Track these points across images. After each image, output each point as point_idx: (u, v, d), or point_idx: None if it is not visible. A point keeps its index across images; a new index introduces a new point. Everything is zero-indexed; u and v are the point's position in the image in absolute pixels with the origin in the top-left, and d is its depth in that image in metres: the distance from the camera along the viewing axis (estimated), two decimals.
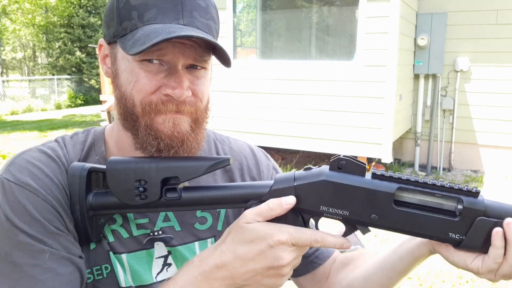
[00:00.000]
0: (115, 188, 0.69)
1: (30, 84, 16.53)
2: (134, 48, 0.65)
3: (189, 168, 0.68)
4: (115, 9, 0.70)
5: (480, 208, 0.61)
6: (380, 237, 3.85)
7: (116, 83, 0.72)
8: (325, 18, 5.92)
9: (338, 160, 0.64)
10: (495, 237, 0.61)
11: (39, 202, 0.66)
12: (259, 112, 5.37)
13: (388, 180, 0.63)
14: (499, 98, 5.55)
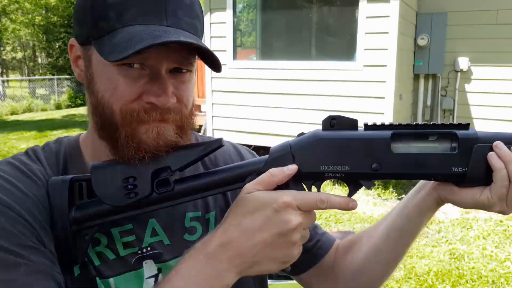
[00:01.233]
0: (102, 192, 0.63)
1: (30, 84, 16.53)
2: (114, 54, 0.58)
3: (180, 156, 0.65)
4: (89, 6, 0.62)
5: (474, 137, 0.63)
6: None
7: (91, 89, 0.65)
8: (325, 18, 5.92)
9: (329, 119, 0.63)
10: (493, 159, 0.61)
11: (13, 216, 0.58)
12: (259, 112, 5.37)
13: (381, 129, 0.63)
14: (499, 98, 5.55)
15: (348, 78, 4.92)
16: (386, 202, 4.77)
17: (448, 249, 3.62)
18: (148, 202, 0.65)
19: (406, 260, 3.43)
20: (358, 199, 4.77)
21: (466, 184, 0.64)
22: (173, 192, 0.64)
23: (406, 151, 0.63)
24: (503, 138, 0.63)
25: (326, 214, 4.37)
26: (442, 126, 0.63)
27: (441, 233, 3.97)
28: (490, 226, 4.08)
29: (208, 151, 0.65)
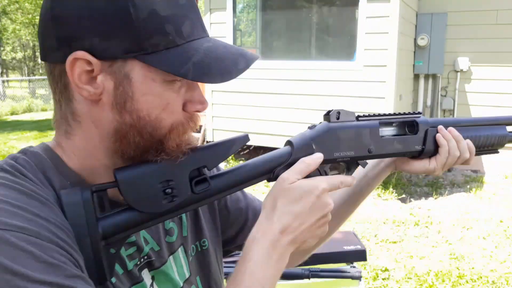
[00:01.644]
0: (136, 199, 0.59)
1: (30, 84, 16.54)
2: (211, 77, 0.59)
3: (216, 154, 0.65)
4: (129, 17, 0.55)
5: (427, 122, 0.84)
6: (379, 237, 3.85)
7: (125, 108, 0.59)
8: (325, 18, 5.92)
9: (336, 112, 0.76)
10: (439, 139, 0.84)
11: (46, 245, 0.51)
12: (259, 112, 5.38)
13: (372, 119, 0.79)
14: (499, 98, 5.55)
15: (348, 78, 4.92)
16: (386, 202, 4.77)
17: (448, 249, 3.62)
18: (185, 204, 0.64)
19: (406, 260, 3.43)
20: None
21: (421, 157, 0.85)
22: (210, 191, 0.65)
23: (389, 135, 0.81)
24: (444, 122, 0.86)
25: None
26: (407, 114, 0.83)
27: (441, 233, 3.97)
28: (490, 226, 4.08)
29: (239, 147, 0.68)
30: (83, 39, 0.56)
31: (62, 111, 0.62)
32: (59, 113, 0.62)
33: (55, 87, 0.61)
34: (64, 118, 0.62)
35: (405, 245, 3.71)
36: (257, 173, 0.69)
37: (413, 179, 5.65)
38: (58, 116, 0.63)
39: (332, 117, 0.75)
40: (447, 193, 5.10)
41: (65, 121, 0.62)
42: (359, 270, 1.53)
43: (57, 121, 0.63)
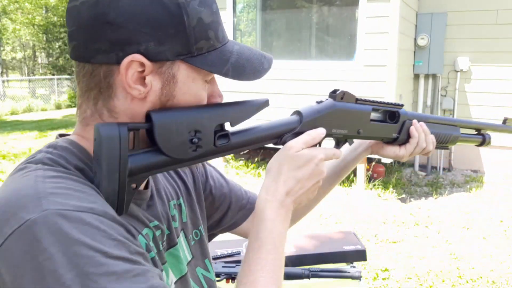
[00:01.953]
0: (166, 143, 0.62)
1: (30, 84, 16.54)
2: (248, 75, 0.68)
3: (239, 112, 0.70)
4: (183, 24, 0.61)
5: (406, 114, 0.95)
6: (379, 237, 3.85)
7: (168, 105, 0.65)
8: (325, 18, 5.92)
9: (342, 93, 0.82)
10: (413, 131, 0.96)
11: (111, 224, 0.55)
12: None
13: (367, 104, 0.88)
14: (499, 98, 5.55)
15: (348, 78, 4.92)
16: (386, 202, 4.77)
17: (448, 249, 3.62)
18: (205, 154, 0.67)
19: (406, 260, 3.43)
20: (358, 199, 4.77)
21: (394, 144, 0.96)
22: (228, 146, 0.69)
23: (375, 121, 0.91)
24: (418, 117, 0.98)
25: (326, 214, 4.37)
26: (393, 105, 0.93)
27: (441, 233, 3.97)
28: (490, 226, 4.08)
29: (261, 108, 0.72)
30: (139, 43, 0.61)
31: (96, 108, 0.65)
32: (90, 110, 0.65)
33: (93, 86, 0.64)
34: (98, 114, 0.65)
35: (405, 245, 3.71)
36: (267, 135, 0.75)
37: (413, 179, 5.65)
38: (88, 113, 0.66)
39: (338, 96, 0.82)
40: (447, 193, 5.10)
41: (98, 117, 0.65)
42: (359, 270, 1.53)
43: (86, 118, 0.66)
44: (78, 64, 0.64)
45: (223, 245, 1.67)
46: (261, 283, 0.65)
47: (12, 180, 0.60)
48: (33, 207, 0.52)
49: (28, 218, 0.51)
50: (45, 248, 0.49)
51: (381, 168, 5.44)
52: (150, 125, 0.62)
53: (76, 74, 0.66)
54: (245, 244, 1.69)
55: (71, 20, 0.64)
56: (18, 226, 0.51)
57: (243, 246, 1.68)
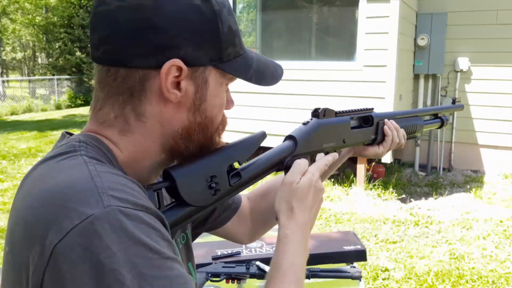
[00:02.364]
0: (189, 195, 0.66)
1: (30, 84, 16.54)
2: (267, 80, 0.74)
3: (245, 150, 0.74)
4: (217, 31, 0.64)
5: (377, 116, 1.03)
6: (379, 237, 3.85)
7: (199, 110, 0.67)
8: (325, 18, 5.92)
9: (323, 110, 0.88)
10: (386, 130, 1.04)
11: (162, 228, 0.55)
12: (259, 112, 5.37)
13: (345, 115, 0.94)
14: (499, 98, 5.55)
15: (348, 78, 4.92)
16: (386, 202, 4.77)
17: (448, 249, 3.62)
18: (222, 195, 0.71)
19: (406, 260, 3.43)
20: (358, 199, 4.77)
21: (373, 144, 1.04)
22: (241, 182, 0.73)
23: (354, 128, 0.98)
24: (386, 115, 1.07)
25: (326, 214, 4.37)
26: (364, 110, 1.01)
27: (441, 233, 3.97)
28: (490, 226, 4.08)
29: (259, 143, 0.77)
30: (179, 48, 0.62)
31: (123, 112, 0.64)
32: (115, 113, 0.65)
33: (124, 90, 0.63)
34: (123, 117, 0.64)
35: (405, 245, 3.71)
36: (271, 164, 0.79)
37: (413, 179, 5.65)
38: (111, 116, 0.65)
39: (321, 114, 0.88)
40: (447, 193, 5.10)
41: (123, 120, 0.65)
42: (359, 270, 1.52)
43: (108, 120, 0.65)
44: (109, 69, 0.63)
45: (223, 245, 1.67)
46: None
47: (58, 168, 0.58)
48: (95, 203, 0.50)
49: (91, 213, 0.49)
50: (107, 245, 0.48)
51: (381, 168, 5.44)
52: (172, 182, 0.65)
53: (101, 79, 0.64)
54: (245, 244, 1.69)
55: (103, 24, 0.63)
56: (80, 221, 0.49)
57: (243, 246, 1.68)
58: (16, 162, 6.74)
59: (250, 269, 1.44)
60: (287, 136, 0.84)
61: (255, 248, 1.67)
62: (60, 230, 0.49)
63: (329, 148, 0.91)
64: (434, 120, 1.26)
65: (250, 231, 1.03)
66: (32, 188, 0.58)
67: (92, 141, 0.63)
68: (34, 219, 0.52)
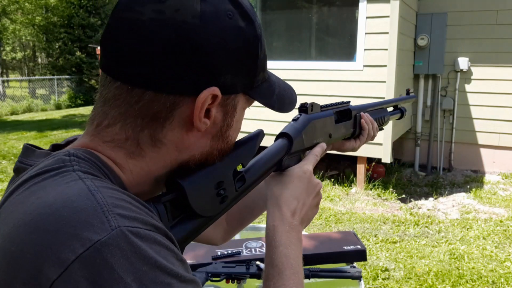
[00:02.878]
0: (199, 204, 0.60)
1: (30, 84, 16.54)
2: (286, 106, 0.69)
3: (247, 151, 0.70)
4: (256, 57, 0.59)
5: (354, 109, 1.02)
6: (379, 237, 3.85)
7: (223, 136, 0.62)
8: (325, 19, 5.92)
9: (311, 105, 0.87)
10: (363, 123, 1.03)
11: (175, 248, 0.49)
12: (259, 112, 5.37)
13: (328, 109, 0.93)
14: (499, 98, 5.55)
15: (348, 78, 4.92)
16: (386, 202, 4.77)
17: (448, 249, 3.62)
18: (230, 201, 0.67)
19: (406, 260, 3.43)
20: (358, 199, 4.77)
21: (351, 138, 1.04)
22: (245, 185, 0.70)
23: (340, 124, 0.97)
24: (363, 107, 1.06)
25: (326, 214, 4.37)
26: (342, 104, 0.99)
27: (441, 233, 3.97)
28: (490, 226, 4.08)
29: (259, 143, 0.73)
30: (220, 75, 0.55)
31: (138, 135, 0.56)
32: (126, 135, 0.56)
33: (146, 113, 0.54)
34: (137, 141, 0.56)
35: (405, 245, 3.72)
36: (271, 165, 0.77)
37: (413, 179, 5.65)
38: (122, 136, 0.56)
39: (309, 109, 0.87)
40: (447, 193, 5.10)
41: (135, 144, 0.56)
42: (359, 270, 1.52)
43: (117, 141, 0.56)
44: (133, 89, 0.54)
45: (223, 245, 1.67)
46: None
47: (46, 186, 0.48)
48: (100, 224, 0.42)
49: (98, 239, 0.41)
50: (120, 276, 0.40)
51: (381, 168, 5.44)
52: (181, 192, 0.59)
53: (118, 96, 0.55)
54: (245, 244, 1.69)
55: (131, 37, 0.53)
56: (85, 249, 0.40)
57: (243, 246, 1.68)
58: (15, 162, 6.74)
59: (250, 269, 1.44)
60: (280, 134, 0.82)
61: (255, 248, 1.67)
62: (59, 263, 0.40)
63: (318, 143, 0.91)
64: (396, 111, 1.29)
65: (225, 232, 0.98)
66: (13, 213, 0.46)
67: (85, 154, 0.54)
68: (19, 250, 0.42)
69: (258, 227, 1.98)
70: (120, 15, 0.53)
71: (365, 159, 4.95)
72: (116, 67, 0.54)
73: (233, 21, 0.55)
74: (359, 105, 1.07)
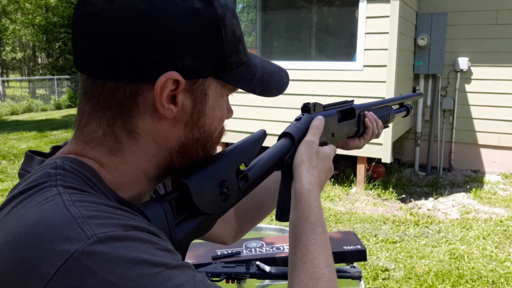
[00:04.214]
0: (203, 203, 0.62)
1: (30, 84, 16.54)
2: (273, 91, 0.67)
3: (250, 150, 0.71)
4: (220, 39, 0.57)
5: (358, 107, 1.02)
6: (379, 237, 3.85)
7: (197, 124, 0.61)
8: (325, 18, 5.92)
9: (313, 105, 0.88)
10: (367, 122, 1.03)
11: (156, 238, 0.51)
12: (259, 112, 5.38)
13: (331, 109, 0.94)
14: (499, 98, 5.55)
15: (348, 78, 4.92)
16: (386, 202, 4.77)
17: (448, 249, 3.62)
18: (233, 201, 0.68)
19: (406, 260, 3.43)
20: (358, 199, 4.77)
21: (354, 137, 1.04)
22: (248, 184, 0.70)
23: (344, 122, 0.97)
24: (366, 107, 1.06)
25: (326, 214, 4.37)
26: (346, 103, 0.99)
27: (441, 233, 3.97)
28: (490, 226, 4.08)
29: (262, 143, 0.74)
30: (177, 59, 0.54)
31: (113, 129, 0.57)
32: (103, 130, 0.57)
33: (112, 104, 0.55)
34: (113, 135, 0.57)
35: (405, 245, 3.72)
36: (274, 164, 0.77)
37: (413, 179, 5.65)
38: (99, 133, 0.57)
39: (311, 109, 0.88)
40: (447, 193, 5.10)
41: (114, 138, 0.57)
42: (359, 270, 1.52)
43: (96, 138, 0.57)
44: (94, 80, 0.55)
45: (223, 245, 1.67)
46: (321, 260, 0.65)
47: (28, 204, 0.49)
48: (75, 236, 0.43)
49: (74, 249, 0.42)
50: (105, 278, 0.42)
51: (381, 168, 5.44)
52: (185, 191, 0.60)
53: (87, 90, 0.56)
54: (245, 244, 1.69)
55: (87, 29, 0.54)
56: (64, 261, 0.42)
57: (243, 246, 1.68)
58: (16, 162, 6.74)
59: (250, 269, 1.44)
60: (282, 133, 0.83)
61: (255, 248, 1.67)
62: (40, 278, 0.42)
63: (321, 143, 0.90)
64: (401, 109, 1.29)
65: (235, 231, 0.99)
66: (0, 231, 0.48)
67: (73, 165, 0.55)
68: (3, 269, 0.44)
69: (258, 227, 1.98)
70: (78, 11, 0.55)
71: (365, 159, 4.95)
72: (79, 60, 0.56)
73: (187, 3, 0.54)
74: (363, 104, 1.07)
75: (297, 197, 0.72)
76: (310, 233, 0.68)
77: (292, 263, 0.66)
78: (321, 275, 0.62)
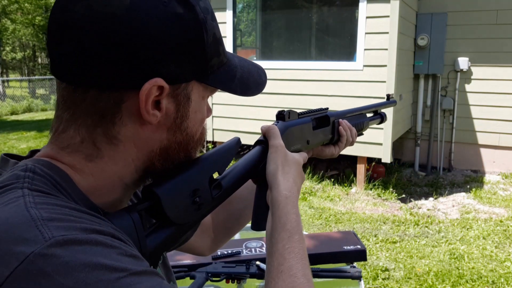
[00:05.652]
0: (174, 212, 0.60)
1: (30, 84, 16.54)
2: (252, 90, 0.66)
3: (224, 158, 0.69)
4: (202, 43, 0.57)
5: (332, 115, 1.02)
6: (379, 237, 3.85)
7: (180, 128, 0.60)
8: (325, 18, 5.92)
9: (288, 113, 0.88)
10: (341, 130, 1.04)
11: (120, 243, 0.49)
12: (259, 112, 5.38)
13: (306, 116, 0.94)
14: (499, 98, 5.55)
15: (348, 78, 4.92)
16: (386, 202, 4.77)
17: (448, 249, 3.62)
18: (206, 210, 0.66)
19: (406, 260, 3.43)
20: (358, 199, 4.77)
21: (330, 144, 1.04)
22: (222, 193, 0.69)
23: (318, 130, 0.97)
24: (341, 114, 1.07)
25: (326, 214, 4.37)
26: (320, 110, 0.99)
27: (441, 233, 3.97)
28: (490, 226, 4.08)
29: (236, 151, 0.72)
30: (160, 66, 0.54)
31: (92, 135, 0.56)
32: (81, 137, 0.56)
33: (93, 112, 0.54)
34: (92, 141, 0.56)
35: (405, 245, 3.72)
36: (248, 171, 0.75)
37: (413, 179, 5.65)
38: (77, 140, 0.56)
39: (286, 117, 0.88)
40: (447, 193, 5.10)
41: (92, 145, 0.56)
42: (359, 270, 1.53)
43: (73, 145, 0.56)
44: (75, 89, 0.54)
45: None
46: (298, 269, 0.63)
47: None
48: (33, 238, 0.43)
49: (30, 251, 0.42)
50: (60, 282, 0.41)
51: (381, 168, 5.44)
52: (156, 200, 0.59)
53: (66, 98, 0.55)
54: (245, 244, 1.69)
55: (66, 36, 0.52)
56: (19, 263, 0.41)
57: (243, 246, 1.68)
58: None
59: (250, 269, 1.44)
60: (257, 141, 0.81)
61: (255, 248, 1.67)
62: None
63: (296, 150, 0.90)
64: (375, 116, 1.29)
65: (212, 242, 0.98)
66: None
67: (44, 168, 0.54)
68: None
69: None
70: (56, 16, 0.54)
71: (365, 159, 4.95)
72: (57, 67, 0.55)
73: (169, 9, 0.53)
74: (338, 111, 1.07)
75: (274, 204, 0.70)
76: (287, 241, 0.66)
77: (268, 272, 0.64)
78: (298, 284, 0.61)
